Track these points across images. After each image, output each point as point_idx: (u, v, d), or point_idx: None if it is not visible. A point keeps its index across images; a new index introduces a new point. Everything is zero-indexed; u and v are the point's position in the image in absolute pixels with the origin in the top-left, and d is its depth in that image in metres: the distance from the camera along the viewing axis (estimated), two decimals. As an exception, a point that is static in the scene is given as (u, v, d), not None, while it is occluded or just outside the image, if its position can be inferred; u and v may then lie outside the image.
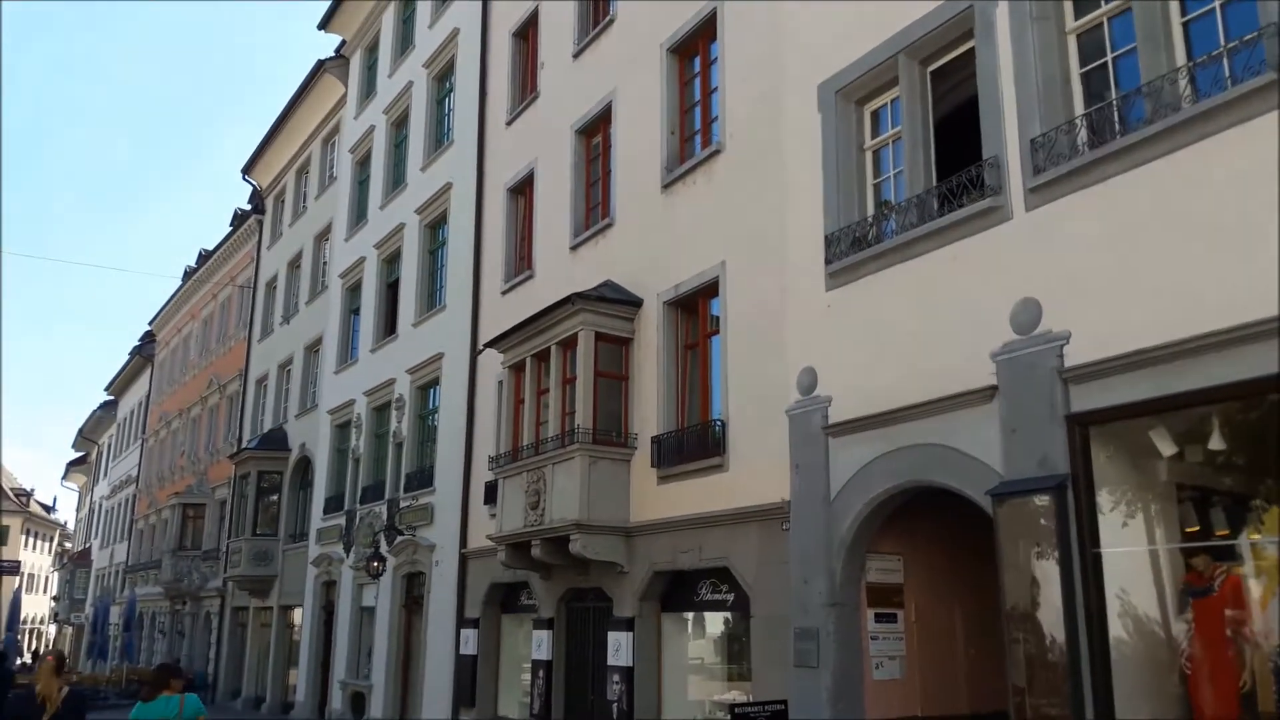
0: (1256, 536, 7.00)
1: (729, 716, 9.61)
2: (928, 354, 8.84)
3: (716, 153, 12.11)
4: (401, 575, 19.15)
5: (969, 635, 10.50)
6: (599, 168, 15.24)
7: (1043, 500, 7.51)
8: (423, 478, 18.90)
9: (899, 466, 9.04)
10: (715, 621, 12.22)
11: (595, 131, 15.33)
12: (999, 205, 8.38)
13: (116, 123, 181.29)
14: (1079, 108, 8.14)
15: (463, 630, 16.71)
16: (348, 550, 21.44)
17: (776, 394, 10.54)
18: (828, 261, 10.06)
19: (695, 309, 12.56)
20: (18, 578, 71.63)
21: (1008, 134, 8.40)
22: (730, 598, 11.40)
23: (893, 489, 9.13)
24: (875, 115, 10.34)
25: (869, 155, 10.30)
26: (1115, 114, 7.73)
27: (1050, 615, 7.33)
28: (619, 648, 12.61)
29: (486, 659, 16.30)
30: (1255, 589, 6.90)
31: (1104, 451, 7.47)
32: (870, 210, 10.07)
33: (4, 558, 78.16)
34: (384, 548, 19.15)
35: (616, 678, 12.50)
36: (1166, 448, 7.21)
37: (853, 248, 9.84)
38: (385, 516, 19.61)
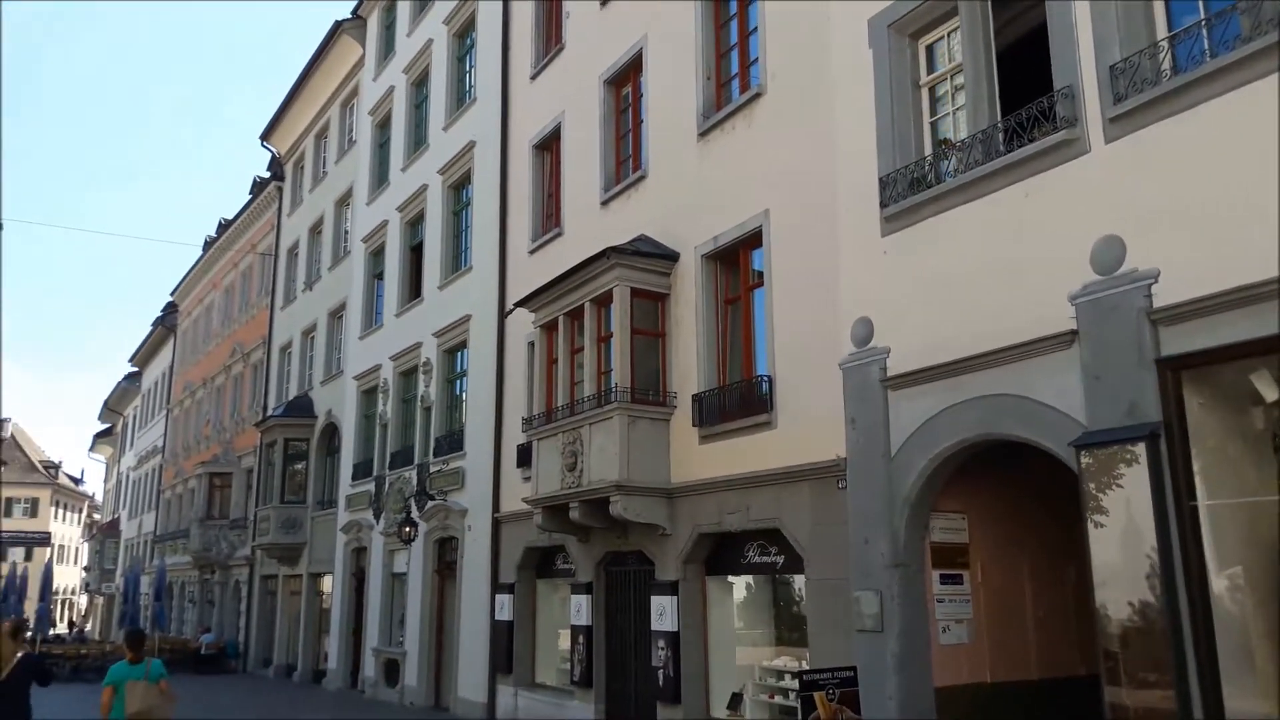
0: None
1: (796, 683, 9.24)
2: (997, 299, 8.32)
3: (757, 96, 11.53)
4: (433, 540, 18.84)
5: (1037, 597, 10.04)
6: (629, 119, 14.67)
7: (1134, 451, 7.00)
8: (453, 441, 18.54)
9: (967, 419, 8.54)
10: (764, 584, 11.81)
11: (625, 81, 14.74)
12: (1075, 137, 7.82)
13: (131, 92, 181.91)
14: (1162, 30, 7.54)
15: (498, 595, 16.39)
16: (378, 516, 21.17)
17: (828, 347, 10.05)
18: (883, 205, 9.51)
19: (736, 261, 12.04)
20: (49, 549, 72.68)
21: (1083, 61, 7.82)
22: (780, 560, 10.98)
23: (960, 443, 8.63)
24: (930, 50, 9.74)
25: (924, 92, 9.71)
26: (1205, 35, 7.14)
27: (1145, 574, 6.83)
28: (663, 612, 12.23)
29: (522, 625, 15.99)
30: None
31: (1198, 397, 6.95)
32: (928, 150, 9.50)
33: (34, 530, 79.68)
34: (415, 513, 18.83)
35: (661, 643, 12.13)
36: (1270, 392, 6.68)
37: (910, 189, 9.29)
38: (415, 482, 19.28)
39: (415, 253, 21.65)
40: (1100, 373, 7.36)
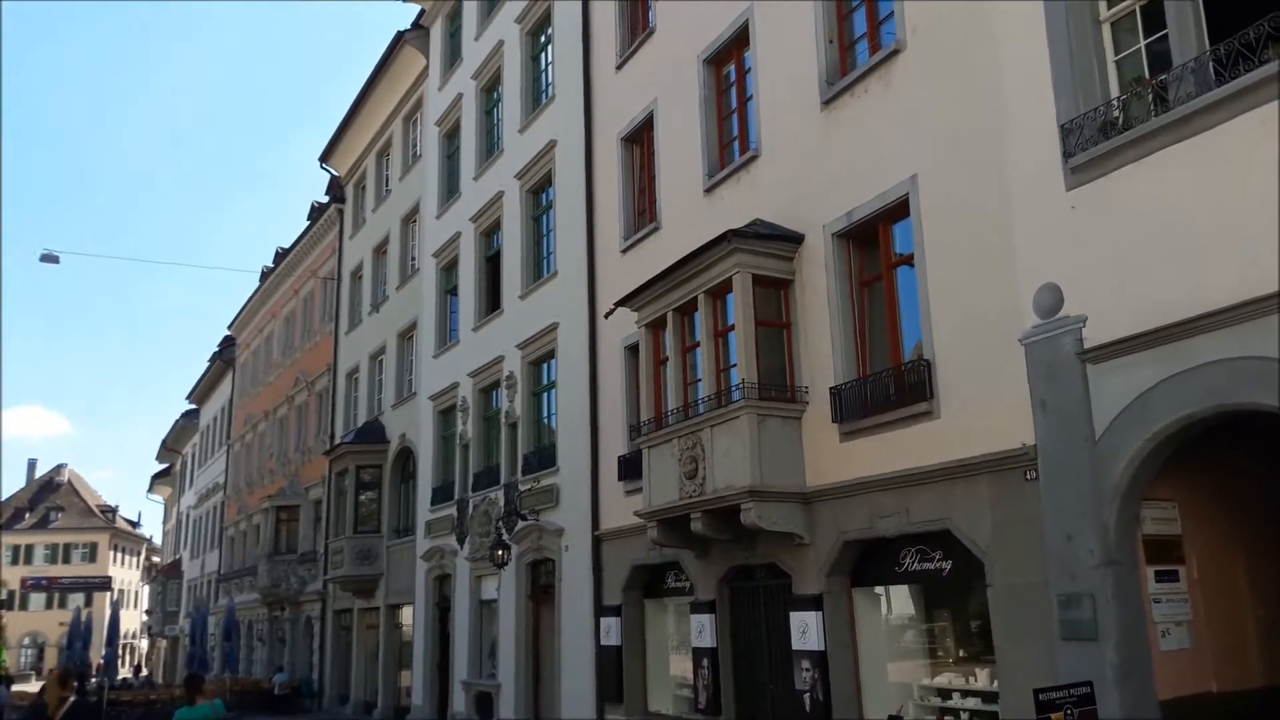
0: None
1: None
2: (1223, 248, 7.21)
3: (895, 53, 10.48)
4: (525, 563, 17.81)
5: (1258, 594, 8.80)
6: (733, 97, 13.69)
7: None
8: (543, 458, 17.55)
9: (1195, 390, 7.38)
10: (921, 594, 10.64)
11: (727, 58, 13.77)
12: (1325, 51, 6.69)
13: (183, 123, 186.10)
14: None
15: (602, 619, 15.30)
16: (462, 541, 20.19)
17: (1002, 321, 8.94)
18: (1067, 155, 8.42)
19: (874, 237, 10.96)
20: (110, 594, 72.66)
21: (1331, -39, 6.71)
22: (947, 565, 9.80)
23: (1186, 418, 7.47)
24: (1109, -19, 8.66)
25: (1106, 29, 8.62)
26: None
27: None
28: (805, 629, 11.08)
29: (632, 649, 14.87)
30: None
31: None
32: (1115, 91, 8.40)
33: (94, 574, 79.82)
34: (505, 535, 17.83)
35: (806, 663, 10.98)
36: None
37: (1101, 134, 8.19)
38: (503, 502, 18.31)
39: (492, 263, 20.79)
40: (1388, 320, 6.20)
